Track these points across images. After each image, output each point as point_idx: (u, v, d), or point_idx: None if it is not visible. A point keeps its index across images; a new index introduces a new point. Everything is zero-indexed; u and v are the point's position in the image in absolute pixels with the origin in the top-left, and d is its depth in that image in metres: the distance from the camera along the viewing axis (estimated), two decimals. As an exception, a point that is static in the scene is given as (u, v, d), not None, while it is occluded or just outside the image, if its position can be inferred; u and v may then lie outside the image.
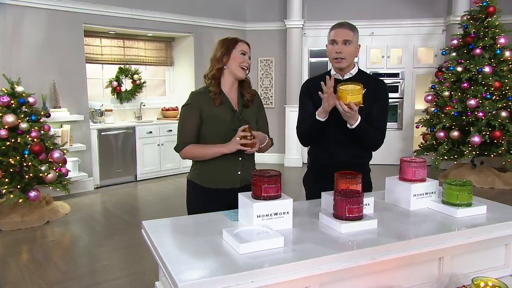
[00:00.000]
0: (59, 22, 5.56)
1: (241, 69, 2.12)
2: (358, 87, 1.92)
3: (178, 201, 5.16)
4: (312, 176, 2.35)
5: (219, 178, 2.12)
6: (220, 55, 2.11)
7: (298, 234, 1.53)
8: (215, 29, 7.21)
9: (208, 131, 2.10)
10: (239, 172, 2.14)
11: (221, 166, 2.11)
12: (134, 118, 7.06)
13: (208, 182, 2.13)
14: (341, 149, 2.17)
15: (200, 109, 2.09)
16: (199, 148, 2.10)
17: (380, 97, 2.16)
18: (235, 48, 2.11)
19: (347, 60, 2.11)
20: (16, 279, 3.20)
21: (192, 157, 2.15)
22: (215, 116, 2.09)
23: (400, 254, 1.44)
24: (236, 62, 2.10)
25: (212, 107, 2.09)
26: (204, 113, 2.09)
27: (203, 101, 2.10)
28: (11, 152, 4.30)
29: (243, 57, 2.11)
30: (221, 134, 2.08)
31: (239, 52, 2.10)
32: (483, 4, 5.90)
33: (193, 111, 2.09)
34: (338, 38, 2.09)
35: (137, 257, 3.59)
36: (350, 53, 2.10)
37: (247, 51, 2.14)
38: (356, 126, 2.01)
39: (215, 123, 2.09)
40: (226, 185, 2.11)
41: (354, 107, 1.92)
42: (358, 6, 7.37)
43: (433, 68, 7.04)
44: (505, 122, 5.60)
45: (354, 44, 2.11)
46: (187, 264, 1.29)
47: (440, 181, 1.89)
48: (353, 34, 2.10)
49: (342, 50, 2.09)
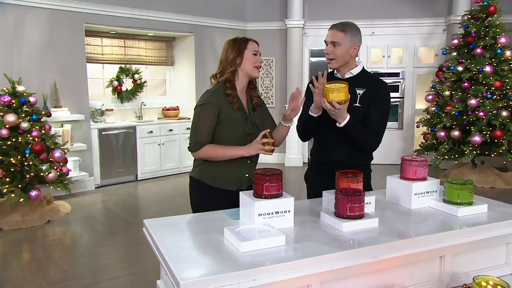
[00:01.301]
0: (60, 21, 5.57)
1: (256, 69, 2.12)
2: (342, 86, 1.93)
3: (178, 201, 5.17)
4: (311, 174, 2.39)
5: (227, 179, 2.12)
6: (232, 57, 2.09)
7: (299, 233, 1.54)
8: (216, 28, 7.22)
9: (223, 133, 2.09)
10: (246, 175, 2.15)
11: (229, 167, 2.11)
12: (135, 118, 7.06)
13: (215, 181, 2.13)
14: (334, 148, 2.19)
15: (219, 109, 2.06)
16: (218, 149, 2.08)
17: (379, 98, 2.14)
18: (247, 49, 2.10)
19: (337, 61, 2.13)
20: (17, 278, 3.21)
21: (208, 158, 2.11)
22: (232, 119, 2.08)
23: (401, 253, 1.44)
24: (250, 63, 2.09)
25: (230, 109, 2.08)
26: (222, 114, 2.07)
27: (222, 101, 2.08)
28: (12, 151, 4.30)
29: (256, 57, 2.11)
30: (235, 137, 2.08)
31: (251, 52, 2.10)
32: (483, 3, 5.90)
33: (212, 110, 2.06)
34: (327, 39, 2.14)
35: (138, 256, 3.60)
36: (339, 54, 2.11)
37: (258, 50, 2.14)
38: (344, 125, 2.02)
39: (232, 126, 2.09)
40: (233, 187, 2.11)
41: (336, 105, 1.93)
42: (358, 6, 7.37)
43: (434, 68, 7.04)
44: (506, 122, 5.60)
45: (345, 46, 2.10)
46: (188, 262, 1.29)
47: (441, 180, 1.89)
48: (344, 35, 2.09)
49: (330, 51, 2.12)
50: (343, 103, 1.94)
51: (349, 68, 2.18)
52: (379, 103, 2.14)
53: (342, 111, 1.97)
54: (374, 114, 2.13)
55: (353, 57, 2.17)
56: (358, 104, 2.12)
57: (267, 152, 2.04)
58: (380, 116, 2.16)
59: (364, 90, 2.14)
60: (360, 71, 2.21)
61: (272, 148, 2.05)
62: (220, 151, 2.08)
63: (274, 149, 2.07)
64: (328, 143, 2.20)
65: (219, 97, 2.08)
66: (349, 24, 2.14)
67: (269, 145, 2.03)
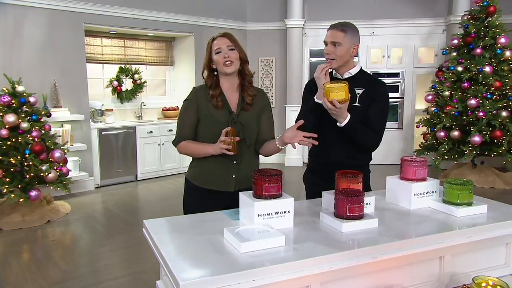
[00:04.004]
0: (60, 22, 5.57)
1: (225, 66, 2.07)
2: (342, 85, 1.93)
3: (178, 201, 5.12)
4: (310, 174, 2.38)
5: (214, 179, 2.11)
6: (206, 60, 2.13)
7: (299, 233, 1.54)
8: (216, 29, 7.20)
9: (203, 130, 2.11)
10: (233, 176, 2.11)
11: (216, 167, 2.10)
12: (135, 118, 7.06)
13: (202, 182, 2.13)
14: (335, 148, 2.19)
15: (198, 105, 2.09)
16: (191, 145, 2.11)
17: (378, 98, 2.15)
18: (212, 50, 2.09)
19: (337, 61, 2.13)
20: (17, 279, 3.21)
21: (185, 153, 2.16)
22: (210, 116, 2.08)
23: (401, 253, 1.44)
24: (217, 63, 2.08)
25: (209, 106, 2.08)
26: (202, 112, 2.08)
27: (202, 98, 2.09)
28: (12, 151, 4.30)
29: (219, 55, 2.06)
30: (215, 134, 2.03)
31: (215, 52, 2.08)
32: (483, 3, 5.90)
33: (191, 106, 2.10)
34: (327, 39, 2.13)
35: (137, 256, 3.60)
36: (339, 54, 2.11)
37: (222, 45, 2.05)
38: (345, 125, 2.03)
39: (210, 123, 2.08)
40: (220, 187, 2.10)
41: (337, 104, 1.92)
42: (358, 6, 7.37)
43: (434, 68, 7.04)
44: (506, 122, 5.60)
45: (345, 45, 2.10)
46: (188, 263, 1.30)
47: (440, 181, 1.89)
48: (344, 35, 2.09)
49: (330, 51, 2.12)
50: (344, 102, 1.94)
51: (348, 68, 2.19)
52: (379, 103, 2.15)
53: (342, 111, 1.98)
54: (374, 114, 2.14)
55: (352, 57, 2.18)
56: (357, 104, 2.13)
57: (228, 152, 1.97)
58: (380, 116, 2.16)
59: (363, 90, 2.15)
60: (359, 71, 2.21)
61: (231, 148, 1.96)
62: (193, 147, 2.11)
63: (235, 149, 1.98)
64: (328, 143, 2.19)
65: (201, 93, 2.11)
66: (348, 24, 2.14)
67: (228, 144, 1.96)
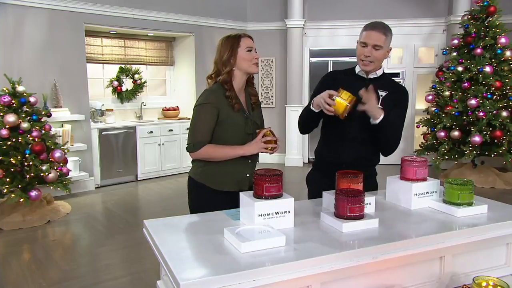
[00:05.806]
0: (60, 22, 5.57)
1: (254, 66, 2.05)
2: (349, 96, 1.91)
3: (179, 201, 5.17)
4: (317, 175, 2.32)
5: (228, 180, 2.08)
6: (226, 57, 2.03)
7: (299, 233, 1.54)
8: (216, 29, 7.21)
9: (223, 133, 2.05)
10: (247, 175, 2.11)
11: (230, 168, 2.07)
12: (135, 118, 7.06)
13: (215, 183, 2.09)
14: (349, 149, 2.16)
15: (219, 109, 2.02)
16: (218, 149, 2.04)
17: (401, 104, 2.17)
18: (239, 47, 2.03)
19: (374, 63, 2.10)
20: (17, 279, 3.21)
21: (208, 158, 2.07)
22: (232, 120, 2.04)
23: (401, 253, 1.44)
24: (246, 60, 2.02)
25: (229, 110, 2.03)
26: (222, 115, 2.03)
27: (222, 101, 2.03)
28: (12, 151, 4.30)
29: (251, 53, 2.03)
30: (235, 137, 2.04)
31: (245, 49, 2.03)
32: (483, 4, 5.90)
33: (212, 110, 2.01)
34: (369, 41, 2.05)
35: (138, 256, 3.60)
36: (378, 57, 2.07)
37: (252, 45, 2.05)
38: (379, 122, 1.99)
39: (232, 127, 2.05)
40: (235, 188, 2.06)
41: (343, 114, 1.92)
42: (358, 6, 7.37)
43: (434, 68, 7.04)
44: (506, 122, 5.60)
45: (385, 49, 2.08)
46: (189, 263, 1.30)
47: (441, 181, 1.89)
48: (385, 38, 2.06)
49: (371, 54, 2.06)
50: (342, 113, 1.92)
51: (376, 69, 2.16)
52: (403, 109, 2.18)
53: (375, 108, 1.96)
54: (398, 118, 2.14)
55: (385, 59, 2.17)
56: (379, 106, 2.08)
57: (269, 151, 2.02)
58: (402, 120, 2.19)
59: (387, 92, 2.13)
60: (382, 73, 2.19)
61: (274, 147, 2.03)
62: (220, 151, 2.04)
63: (276, 147, 2.05)
64: (343, 144, 2.17)
65: (219, 96, 2.03)
66: (387, 27, 2.10)
67: (271, 144, 2.02)
